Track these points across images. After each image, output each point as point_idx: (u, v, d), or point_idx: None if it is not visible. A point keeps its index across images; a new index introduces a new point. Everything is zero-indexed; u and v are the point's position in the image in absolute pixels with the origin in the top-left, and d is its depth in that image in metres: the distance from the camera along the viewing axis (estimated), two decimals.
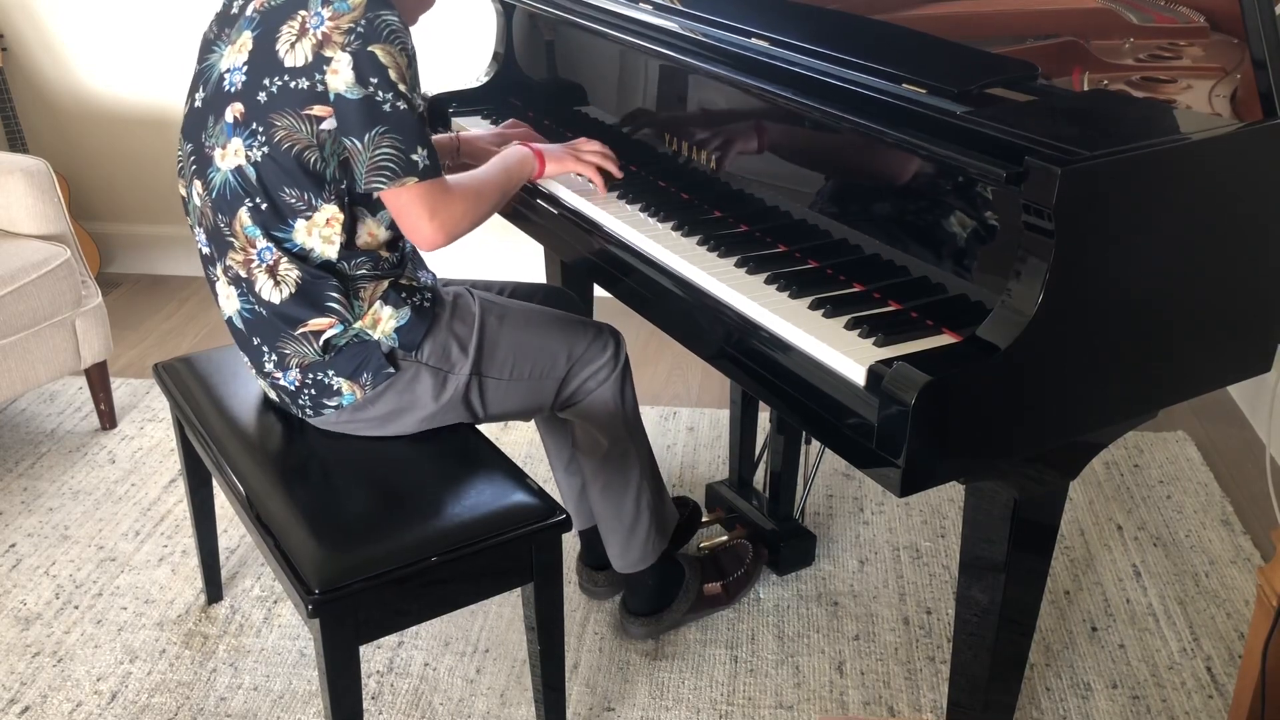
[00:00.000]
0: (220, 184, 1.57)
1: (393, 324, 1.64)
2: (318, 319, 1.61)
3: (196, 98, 1.64)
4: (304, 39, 1.50)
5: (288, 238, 1.57)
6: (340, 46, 1.48)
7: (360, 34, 1.48)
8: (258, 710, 1.90)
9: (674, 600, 2.01)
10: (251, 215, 1.57)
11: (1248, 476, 2.52)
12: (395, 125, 1.51)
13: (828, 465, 2.54)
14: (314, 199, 1.55)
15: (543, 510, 1.59)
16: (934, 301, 1.43)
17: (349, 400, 1.66)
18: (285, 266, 1.58)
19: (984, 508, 1.50)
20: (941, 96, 1.47)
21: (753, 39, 1.78)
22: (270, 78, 1.51)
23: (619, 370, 1.86)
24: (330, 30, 1.49)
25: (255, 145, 1.53)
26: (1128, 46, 1.60)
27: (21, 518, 2.40)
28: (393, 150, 1.51)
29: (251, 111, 1.53)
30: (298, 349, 1.63)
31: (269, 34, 1.53)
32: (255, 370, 1.72)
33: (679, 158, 1.85)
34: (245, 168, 1.54)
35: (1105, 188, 1.28)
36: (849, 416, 1.33)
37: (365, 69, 1.48)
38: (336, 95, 1.49)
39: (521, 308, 1.81)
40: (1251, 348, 1.54)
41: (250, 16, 1.57)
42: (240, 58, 1.55)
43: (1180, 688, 1.94)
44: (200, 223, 1.67)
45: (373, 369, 1.64)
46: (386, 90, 1.49)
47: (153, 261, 3.63)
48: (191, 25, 3.26)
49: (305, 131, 1.51)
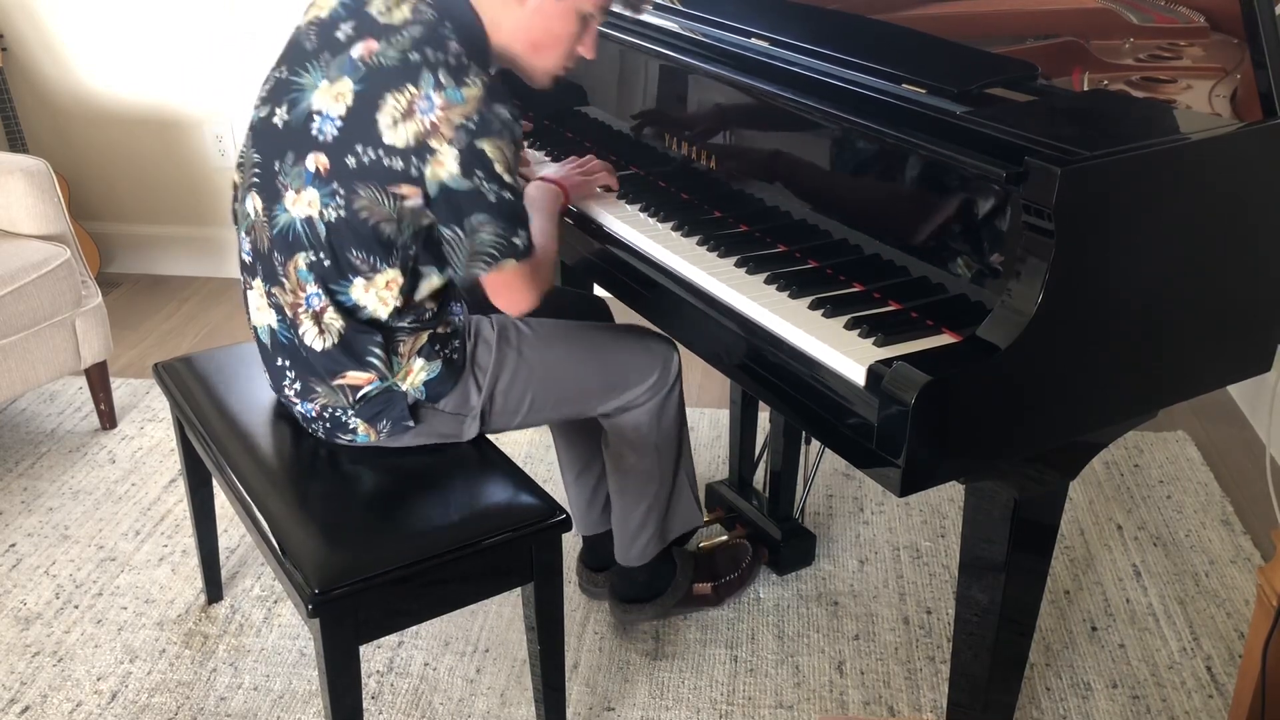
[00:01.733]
0: (285, 225, 1.53)
1: (423, 376, 1.62)
2: (356, 373, 1.58)
3: (278, 113, 1.54)
4: (409, 120, 1.43)
5: (343, 292, 1.54)
6: (448, 140, 1.42)
7: (472, 130, 1.43)
8: (258, 710, 1.90)
9: (660, 594, 2.01)
10: (309, 265, 1.53)
11: (1248, 476, 2.52)
12: (497, 214, 1.48)
13: (828, 465, 2.54)
14: (379, 262, 1.51)
15: (543, 510, 1.59)
16: (934, 301, 1.43)
17: (362, 440, 1.65)
18: (331, 316, 1.55)
19: (984, 508, 1.50)
20: (941, 96, 1.47)
21: (753, 39, 1.78)
22: (365, 146, 1.45)
23: (663, 393, 1.82)
24: (440, 121, 1.42)
25: (333, 206, 1.48)
26: (1128, 46, 1.60)
27: (21, 518, 2.40)
28: (494, 237, 1.49)
29: (336, 172, 1.47)
30: (330, 395, 1.61)
31: (372, 98, 1.45)
32: (270, 380, 1.71)
33: (679, 158, 1.85)
34: (316, 223, 1.50)
35: (1105, 188, 1.28)
36: (849, 416, 1.34)
37: (472, 164, 1.44)
38: (440, 185, 1.45)
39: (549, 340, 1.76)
40: (1251, 348, 1.54)
41: (355, 63, 1.47)
42: (337, 108, 1.47)
43: (1180, 687, 1.94)
44: (249, 233, 1.62)
45: (393, 418, 1.62)
46: (491, 181, 1.46)
47: (153, 261, 3.63)
48: (192, 25, 3.26)
49: (387, 206, 1.47)
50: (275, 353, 1.64)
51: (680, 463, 1.92)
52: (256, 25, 3.24)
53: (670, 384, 1.83)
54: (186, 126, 3.41)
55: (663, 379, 1.81)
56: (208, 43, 3.28)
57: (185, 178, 3.49)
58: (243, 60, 3.29)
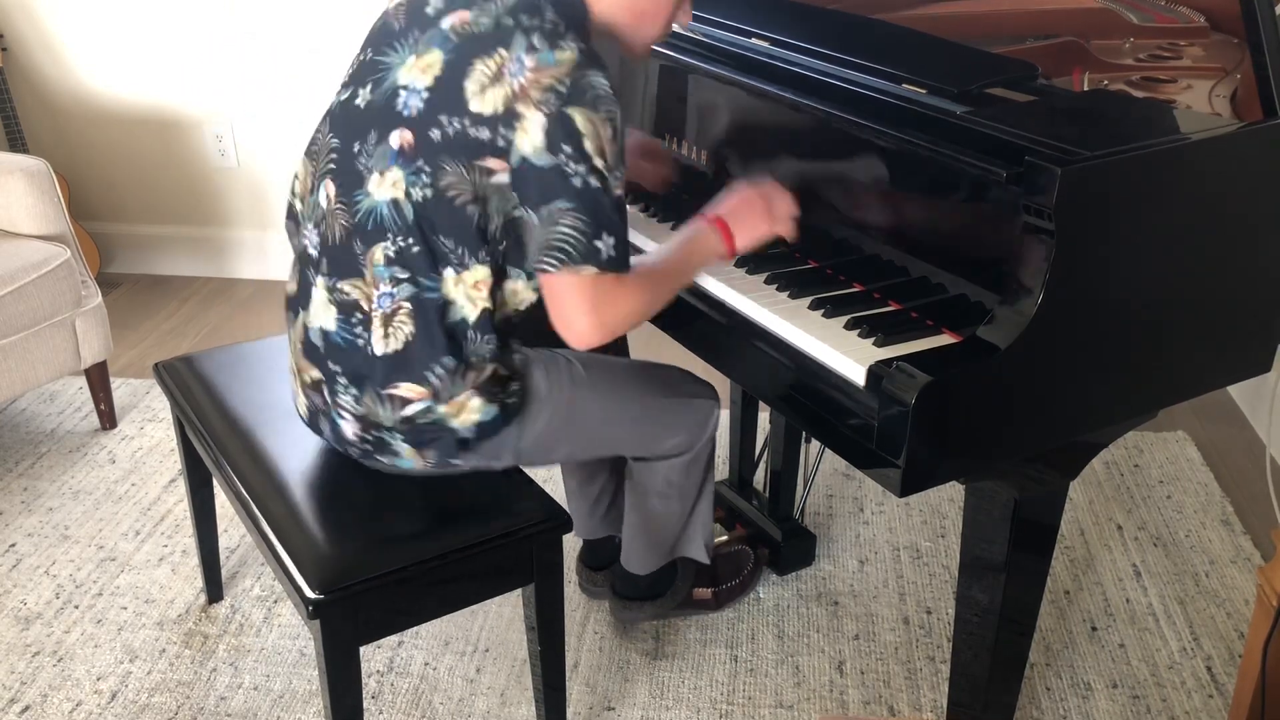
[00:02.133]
0: (368, 210, 1.43)
1: (476, 416, 1.51)
2: (410, 386, 1.47)
3: (361, 94, 1.47)
4: (498, 85, 1.34)
5: (434, 286, 1.43)
6: (535, 104, 1.32)
7: (562, 94, 1.32)
8: (258, 710, 1.91)
9: (660, 596, 2.01)
10: (388, 256, 1.42)
11: (1248, 476, 2.52)
12: (582, 203, 1.34)
13: (828, 465, 2.54)
14: (468, 255, 1.41)
15: (543, 511, 1.59)
16: (934, 301, 1.43)
17: (406, 465, 1.55)
18: (401, 319, 1.44)
19: (984, 508, 1.50)
20: (942, 96, 1.47)
21: (753, 39, 1.78)
22: (450, 116, 1.36)
23: (698, 447, 1.75)
24: (529, 84, 1.32)
25: (419, 185, 1.39)
26: (1128, 46, 1.60)
27: (21, 518, 2.40)
28: (573, 231, 1.34)
29: (422, 146, 1.38)
30: (373, 406, 1.50)
31: (460, 65, 1.37)
32: (308, 387, 1.58)
33: (679, 158, 1.84)
34: (403, 205, 1.40)
35: (1105, 188, 1.28)
36: (849, 417, 1.33)
37: (558, 134, 1.32)
38: (521, 158, 1.34)
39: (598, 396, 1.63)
40: (1251, 348, 1.54)
41: (446, 33, 1.40)
42: (424, 80, 1.39)
43: (1180, 687, 1.94)
44: (318, 224, 1.52)
45: (442, 449, 1.53)
46: (579, 161, 1.32)
47: (153, 261, 3.63)
48: (192, 25, 3.26)
49: (472, 183, 1.37)
50: (330, 357, 1.52)
51: (699, 504, 1.88)
52: (256, 25, 3.24)
53: (708, 439, 1.77)
54: (186, 126, 3.41)
55: (700, 434, 1.74)
56: (208, 43, 3.28)
57: (185, 178, 3.49)
58: (243, 60, 3.29)
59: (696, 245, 1.52)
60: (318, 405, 1.59)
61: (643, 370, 1.73)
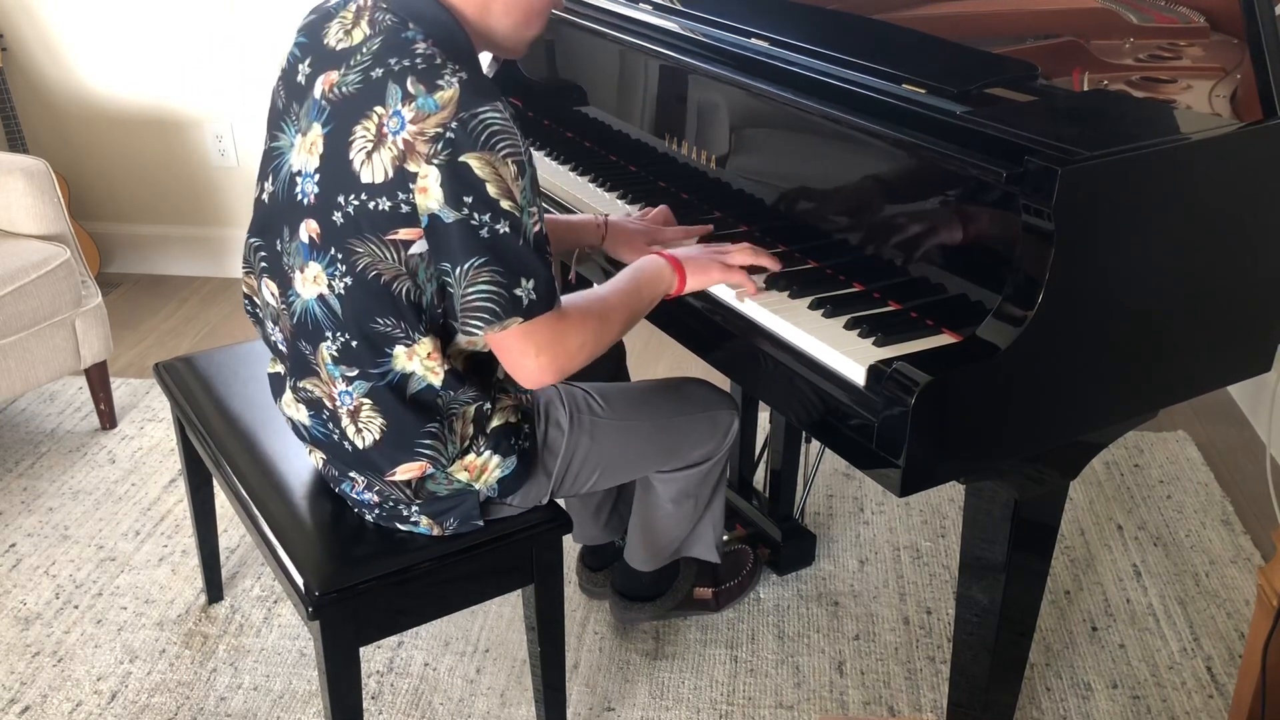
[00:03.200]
0: (302, 311, 1.37)
1: (498, 474, 1.47)
2: (408, 464, 1.41)
3: (266, 188, 1.41)
4: (382, 147, 1.24)
5: (387, 369, 1.35)
6: (426, 159, 1.22)
7: (452, 140, 1.21)
8: (258, 710, 1.90)
9: (661, 595, 2.01)
10: (333, 356, 1.36)
11: (1248, 476, 2.52)
12: (494, 255, 1.24)
13: (828, 465, 2.54)
14: (411, 330, 1.33)
15: (543, 512, 1.59)
16: (934, 301, 1.43)
17: (422, 532, 1.51)
18: (367, 415, 1.38)
19: (984, 508, 1.50)
20: (941, 96, 1.47)
21: (753, 39, 1.78)
22: (345, 195, 1.27)
23: (716, 458, 1.75)
24: (413, 138, 1.22)
25: (337, 275, 1.30)
26: (1128, 46, 1.60)
27: (21, 518, 2.40)
28: (492, 286, 1.25)
29: (328, 235, 1.30)
30: (386, 490, 1.46)
31: (341, 135, 1.27)
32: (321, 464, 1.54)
33: (678, 158, 1.84)
34: (330, 299, 1.33)
35: (1105, 188, 1.28)
36: (849, 417, 1.33)
37: (458, 187, 1.22)
38: (430, 216, 1.24)
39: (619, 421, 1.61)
40: (1251, 348, 1.54)
41: (320, 103, 1.31)
42: (312, 161, 1.31)
43: (1180, 688, 1.94)
44: (276, 321, 1.47)
45: (461, 516, 1.49)
46: (483, 211, 1.22)
47: (153, 261, 3.63)
48: (192, 25, 3.26)
49: (392, 259, 1.28)
50: (318, 447, 1.51)
51: (712, 505, 1.88)
52: (256, 25, 3.24)
53: (725, 450, 1.77)
54: (186, 126, 3.41)
55: (722, 444, 1.75)
56: (208, 43, 3.28)
57: (185, 178, 3.49)
58: (243, 60, 3.29)
59: (648, 277, 1.48)
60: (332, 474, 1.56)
61: (662, 390, 1.72)
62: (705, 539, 1.93)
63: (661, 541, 1.90)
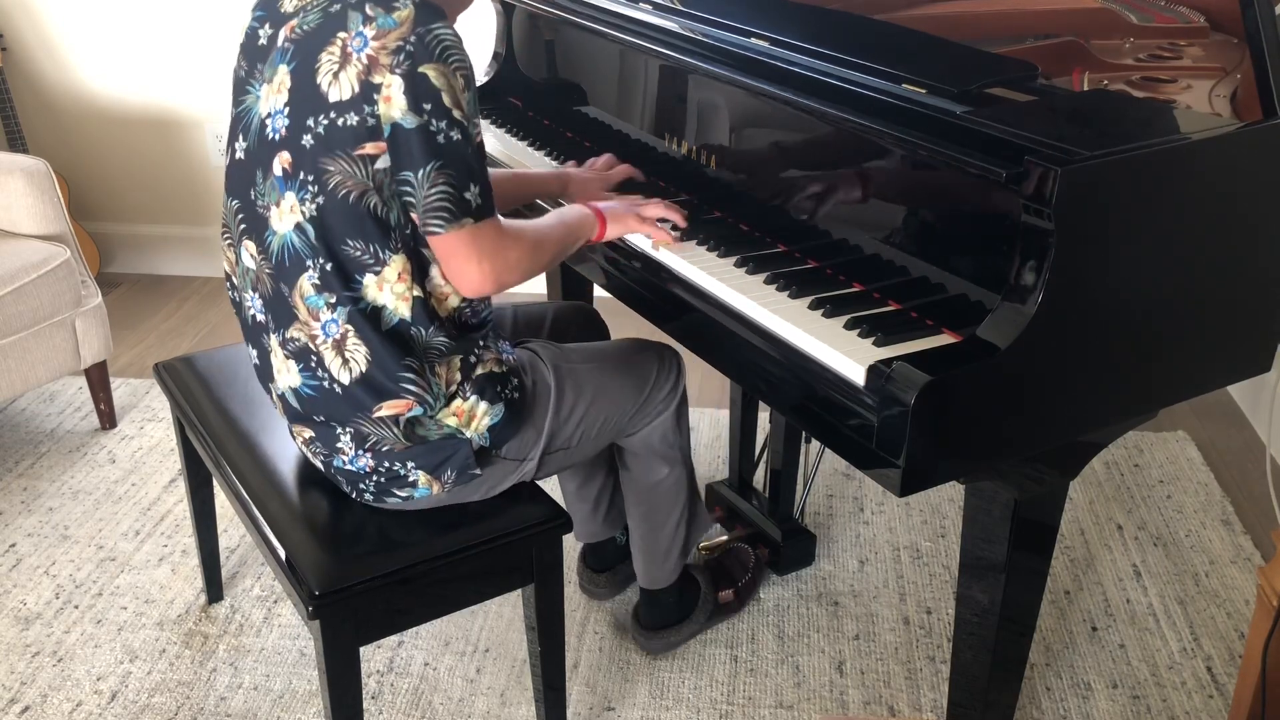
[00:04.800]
0: (279, 248, 1.43)
1: (487, 421, 1.51)
2: (393, 401, 1.45)
3: (237, 148, 1.49)
4: (348, 66, 1.34)
5: (358, 296, 1.42)
6: (389, 69, 1.32)
7: (411, 53, 1.32)
8: (258, 710, 1.91)
9: (692, 612, 2.01)
10: (314, 284, 1.42)
11: (1248, 476, 2.52)
12: (449, 159, 1.35)
13: (828, 465, 2.54)
14: (380, 250, 1.40)
15: (543, 511, 1.59)
16: (934, 301, 1.43)
17: (422, 494, 1.53)
18: (353, 343, 1.43)
19: (984, 508, 1.50)
20: (941, 96, 1.47)
21: (753, 39, 1.78)
22: (315, 117, 1.36)
23: (678, 396, 1.81)
24: (376, 51, 1.32)
25: (309, 198, 1.38)
26: (1128, 46, 1.60)
27: (21, 518, 2.40)
28: (447, 188, 1.36)
29: (299, 159, 1.38)
30: (377, 431, 1.48)
31: (307, 66, 1.37)
32: (309, 446, 1.57)
33: (678, 158, 1.85)
34: (305, 226, 1.39)
35: (1105, 187, 1.28)
36: (849, 417, 1.33)
37: (418, 93, 1.32)
38: (393, 125, 1.33)
39: (590, 364, 1.69)
40: (1252, 348, 1.54)
41: (283, 48, 1.40)
42: (280, 99, 1.40)
43: (1180, 688, 1.94)
44: (254, 287, 1.52)
45: (458, 466, 1.51)
46: (440, 118, 1.34)
47: (153, 261, 3.63)
48: (191, 25, 3.26)
49: (360, 174, 1.36)
50: (312, 411, 1.51)
51: (693, 474, 1.92)
52: None
53: (683, 387, 1.83)
54: (186, 126, 3.41)
55: (676, 384, 1.81)
56: (208, 43, 3.28)
57: (185, 178, 3.49)
58: None
59: (575, 222, 1.63)
60: (324, 457, 1.56)
61: (613, 343, 1.83)
62: (700, 505, 1.96)
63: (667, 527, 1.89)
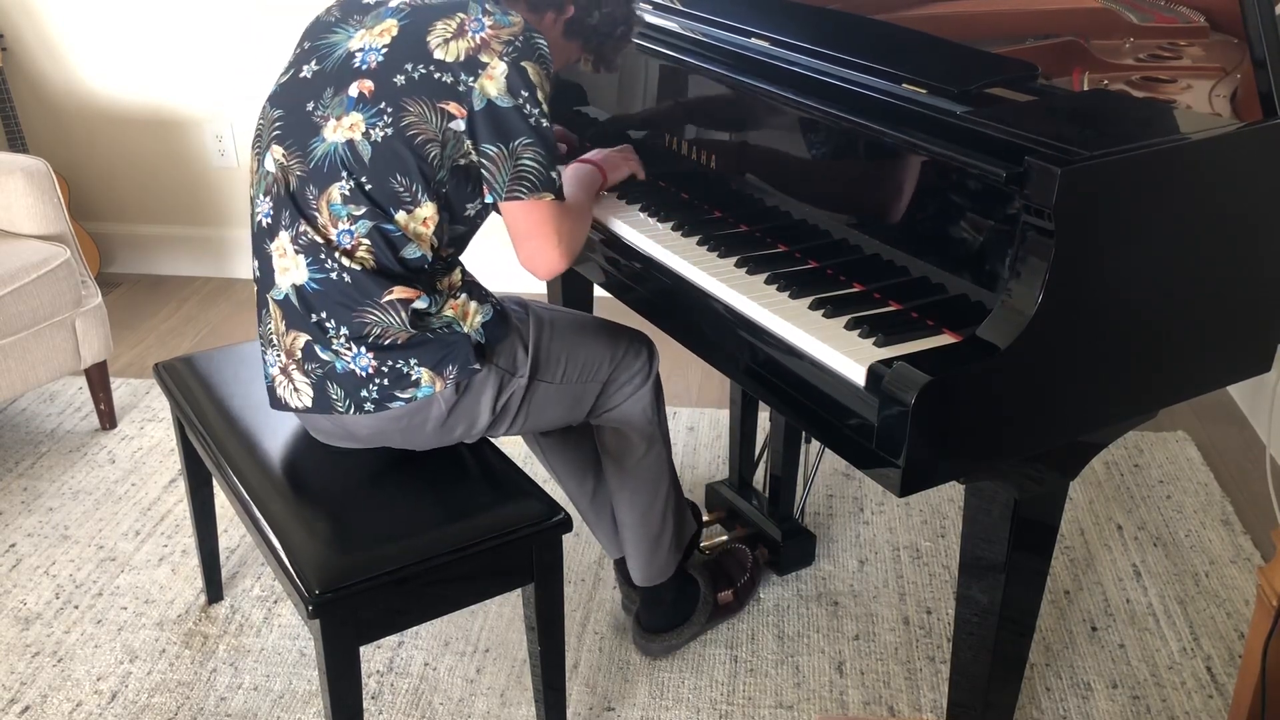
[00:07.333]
0: (324, 154, 1.54)
1: (479, 319, 1.62)
2: (404, 287, 1.55)
3: (306, 69, 1.62)
4: (460, 39, 1.52)
5: (387, 220, 1.54)
6: (498, 55, 1.51)
7: (518, 48, 1.52)
8: (258, 710, 1.91)
9: (692, 613, 2.01)
10: (344, 195, 1.53)
11: (1248, 476, 2.52)
12: (539, 139, 1.54)
13: (828, 465, 2.54)
14: (420, 193, 1.54)
15: (543, 511, 1.59)
16: (934, 301, 1.43)
17: (425, 393, 1.58)
18: (362, 254, 1.54)
19: (984, 508, 1.50)
20: (942, 96, 1.47)
21: (753, 39, 1.78)
22: (414, 63, 1.52)
23: (653, 378, 1.85)
24: (490, 37, 1.52)
25: (380, 125, 1.52)
26: (1128, 46, 1.60)
27: (21, 518, 2.40)
28: (535, 163, 1.54)
29: (383, 90, 1.52)
30: (383, 318, 1.55)
31: (419, 25, 1.54)
32: (302, 365, 1.59)
33: (678, 158, 1.85)
34: (359, 143, 1.52)
35: (1105, 188, 1.28)
36: (849, 416, 1.33)
37: (518, 81, 1.52)
38: (487, 100, 1.51)
39: (566, 314, 1.80)
40: (1251, 348, 1.54)
41: (397, 7, 1.58)
42: (380, 40, 1.55)
43: (1180, 688, 1.94)
44: (269, 191, 1.60)
45: (459, 361, 1.59)
46: (534, 105, 1.53)
47: (153, 261, 3.63)
48: (192, 25, 3.26)
49: (434, 124, 1.51)
50: (315, 308, 1.56)
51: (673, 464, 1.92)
52: (256, 25, 3.24)
53: (655, 369, 1.86)
54: (186, 126, 3.41)
55: (650, 362, 1.84)
56: (207, 43, 3.28)
57: (185, 178, 3.49)
58: (242, 60, 3.29)
59: (588, 180, 1.80)
60: (318, 375, 1.57)
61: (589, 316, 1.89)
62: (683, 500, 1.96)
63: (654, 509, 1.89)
